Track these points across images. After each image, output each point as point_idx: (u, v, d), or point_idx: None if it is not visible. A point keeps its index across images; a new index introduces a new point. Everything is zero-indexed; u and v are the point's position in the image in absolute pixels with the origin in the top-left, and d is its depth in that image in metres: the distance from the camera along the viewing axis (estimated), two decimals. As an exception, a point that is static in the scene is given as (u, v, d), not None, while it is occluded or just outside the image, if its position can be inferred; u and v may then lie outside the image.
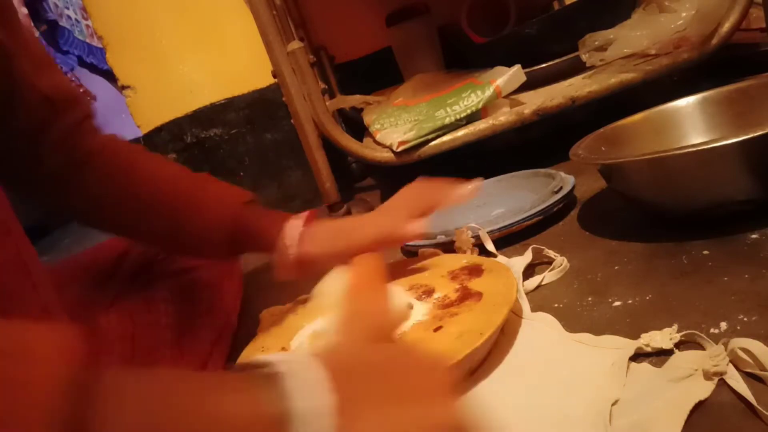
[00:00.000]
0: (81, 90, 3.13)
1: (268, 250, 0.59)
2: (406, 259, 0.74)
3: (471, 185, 0.61)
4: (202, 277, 0.68)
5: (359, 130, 1.16)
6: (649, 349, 0.41)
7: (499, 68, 0.93)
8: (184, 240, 0.60)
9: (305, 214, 0.60)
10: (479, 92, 0.90)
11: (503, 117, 0.89)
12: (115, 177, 0.58)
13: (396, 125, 0.99)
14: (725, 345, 0.37)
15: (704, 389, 0.35)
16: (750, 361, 0.36)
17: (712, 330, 0.41)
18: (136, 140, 1.34)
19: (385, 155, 0.93)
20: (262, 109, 1.30)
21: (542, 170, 0.80)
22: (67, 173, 0.57)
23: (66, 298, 0.56)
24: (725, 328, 0.41)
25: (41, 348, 0.20)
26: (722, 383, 0.36)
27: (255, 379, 0.24)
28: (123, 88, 1.30)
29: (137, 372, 0.23)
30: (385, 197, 1.17)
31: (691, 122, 0.67)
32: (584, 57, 0.96)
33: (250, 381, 0.24)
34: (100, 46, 1.33)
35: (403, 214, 0.59)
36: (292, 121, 1.00)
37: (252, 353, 0.56)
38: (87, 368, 0.21)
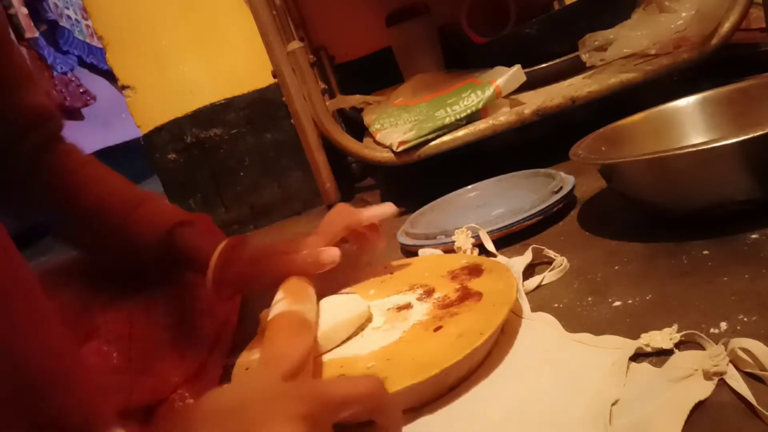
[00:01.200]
0: (80, 88, 3.13)
1: (202, 272, 0.59)
2: (406, 259, 0.74)
3: (384, 204, 0.64)
4: (202, 277, 0.68)
5: (359, 130, 1.16)
6: (649, 349, 0.41)
7: (499, 68, 0.93)
8: (120, 252, 0.61)
9: (230, 239, 0.60)
10: (479, 92, 0.90)
11: (503, 117, 0.89)
12: (62, 188, 0.59)
13: (396, 125, 0.99)
14: (725, 345, 0.37)
15: (704, 389, 0.35)
16: (750, 361, 0.36)
17: (712, 330, 0.41)
18: (136, 140, 1.35)
19: (385, 155, 0.93)
20: (262, 109, 1.30)
21: (542, 170, 0.80)
22: (30, 186, 0.59)
23: (64, 298, 0.56)
24: (725, 328, 0.41)
25: None
26: (722, 383, 0.36)
27: None
28: (123, 88, 1.30)
29: None
30: (385, 197, 1.17)
31: (691, 122, 0.67)
32: (584, 57, 0.96)
33: None
34: (100, 46, 1.33)
35: (323, 238, 0.59)
36: (292, 121, 1.00)
37: (252, 353, 0.56)
38: None
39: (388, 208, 0.63)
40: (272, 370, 0.40)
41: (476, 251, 0.67)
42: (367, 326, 0.54)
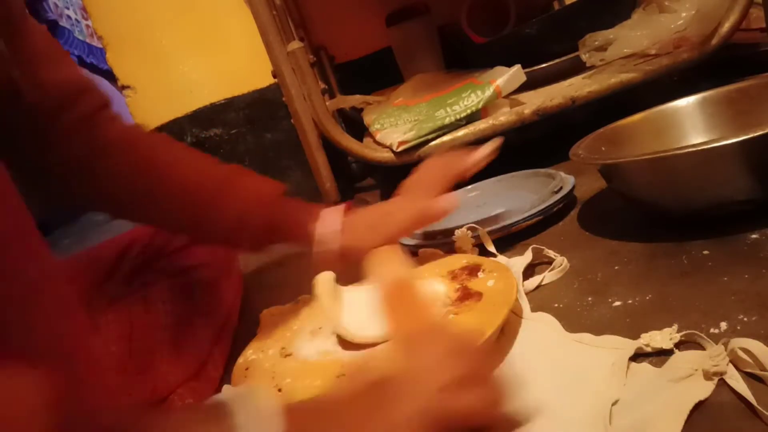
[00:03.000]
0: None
1: (303, 242, 0.59)
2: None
3: (486, 148, 0.62)
4: (201, 277, 0.68)
5: (359, 130, 1.16)
6: (649, 349, 0.41)
7: (499, 68, 0.93)
8: (213, 229, 0.60)
9: (342, 206, 0.61)
10: (479, 92, 0.90)
11: (503, 117, 0.89)
12: (136, 169, 0.58)
13: (396, 125, 0.99)
14: (725, 345, 0.37)
15: (704, 389, 0.35)
16: (750, 361, 0.36)
17: (712, 330, 0.41)
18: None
19: (385, 155, 0.92)
20: (262, 109, 1.30)
21: (542, 170, 0.80)
22: (84, 164, 0.57)
23: (65, 297, 0.56)
24: (725, 328, 0.41)
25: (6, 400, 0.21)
26: (722, 383, 0.36)
27: (209, 414, 0.27)
28: (123, 88, 1.30)
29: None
30: (385, 197, 1.17)
31: (691, 122, 0.67)
32: (584, 57, 0.96)
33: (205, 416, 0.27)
34: (100, 46, 1.33)
35: (429, 192, 0.60)
36: (292, 121, 1.00)
37: (252, 353, 0.56)
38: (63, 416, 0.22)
39: (489, 147, 0.62)
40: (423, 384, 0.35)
41: (476, 251, 0.67)
42: None
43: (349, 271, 0.59)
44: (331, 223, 0.59)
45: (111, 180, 0.58)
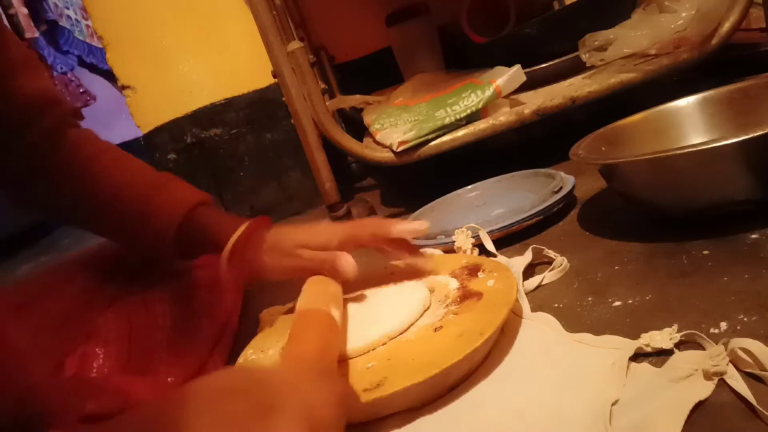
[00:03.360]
0: (80, 88, 3.13)
1: (218, 252, 0.59)
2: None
3: (418, 223, 0.60)
4: (201, 278, 0.68)
5: (359, 130, 1.16)
6: (649, 349, 0.41)
7: (499, 68, 0.93)
8: (139, 238, 0.61)
9: (257, 219, 0.60)
10: (479, 92, 0.90)
11: (503, 117, 0.89)
12: (80, 176, 0.59)
13: (396, 125, 0.99)
14: (725, 345, 0.37)
15: (704, 389, 0.35)
16: (750, 361, 0.36)
17: (712, 330, 0.41)
18: (136, 140, 1.35)
19: (385, 155, 0.92)
20: (262, 109, 1.30)
21: (542, 170, 0.80)
22: (44, 174, 0.59)
23: (63, 298, 0.56)
24: (725, 328, 0.41)
25: None
26: (722, 383, 0.36)
27: None
28: (123, 88, 1.30)
29: None
30: (385, 197, 1.17)
31: (691, 122, 0.67)
32: (584, 57, 0.96)
33: None
34: (100, 46, 1.33)
35: (343, 242, 0.58)
36: (292, 121, 1.00)
37: (252, 353, 0.56)
38: None
39: (419, 226, 0.59)
40: (294, 365, 0.39)
41: (476, 251, 0.67)
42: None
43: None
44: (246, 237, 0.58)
45: (58, 189, 0.59)
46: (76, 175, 0.59)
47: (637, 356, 0.41)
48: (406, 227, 0.58)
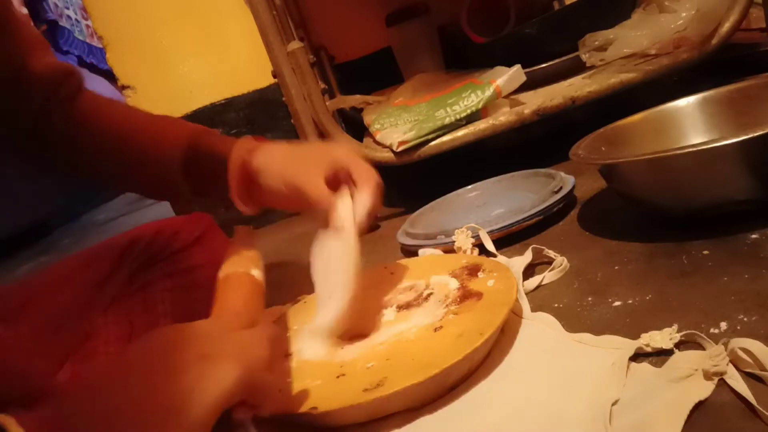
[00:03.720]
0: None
1: (222, 171, 0.59)
2: (406, 259, 0.74)
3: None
4: (201, 278, 0.68)
5: (359, 130, 1.16)
6: (649, 349, 0.41)
7: (499, 68, 0.93)
8: (153, 174, 0.64)
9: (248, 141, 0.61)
10: (479, 92, 0.90)
11: (503, 117, 0.89)
12: (89, 128, 0.63)
13: (396, 125, 0.99)
14: (725, 345, 0.37)
15: (704, 389, 0.35)
16: (750, 361, 0.36)
17: (712, 330, 0.41)
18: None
19: (385, 155, 0.92)
20: (262, 109, 1.30)
21: (542, 170, 0.80)
22: (66, 138, 0.62)
23: (64, 298, 0.56)
24: (725, 328, 0.41)
25: None
26: (722, 383, 0.36)
27: None
28: (123, 88, 1.30)
29: None
30: (385, 197, 1.17)
31: (691, 122, 0.67)
32: (584, 57, 0.96)
33: None
34: (100, 46, 1.33)
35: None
36: (292, 121, 1.00)
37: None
38: None
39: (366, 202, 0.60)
40: (225, 322, 0.42)
41: (476, 251, 0.67)
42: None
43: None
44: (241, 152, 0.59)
45: (76, 145, 0.63)
46: (91, 129, 0.63)
47: (637, 356, 0.41)
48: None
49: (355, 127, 1.25)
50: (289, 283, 0.75)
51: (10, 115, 0.60)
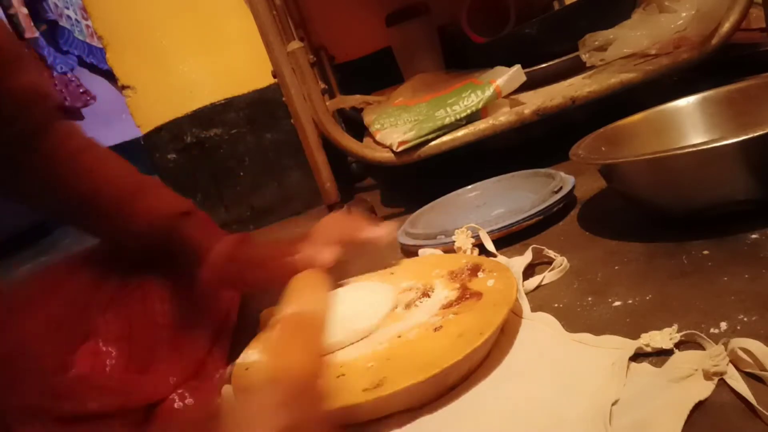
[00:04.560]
0: (80, 88, 3.14)
1: (197, 265, 0.60)
2: (406, 259, 0.74)
3: (384, 226, 0.62)
4: (200, 276, 0.68)
5: (359, 130, 1.16)
6: (649, 349, 0.41)
7: (499, 68, 0.93)
8: (123, 241, 0.62)
9: (235, 237, 0.61)
10: (479, 92, 0.90)
11: (503, 117, 0.89)
12: (64, 171, 0.59)
13: (396, 125, 0.99)
14: (725, 345, 0.37)
15: (704, 389, 0.35)
16: (750, 361, 0.36)
17: (712, 330, 0.41)
18: (136, 140, 1.35)
19: (385, 155, 0.92)
20: (262, 109, 1.30)
21: (542, 170, 0.80)
22: (30, 168, 0.58)
23: (63, 298, 0.56)
24: (725, 328, 0.41)
25: None
26: (722, 383, 0.36)
27: None
28: (123, 88, 1.30)
29: None
30: (385, 197, 1.17)
31: (691, 122, 0.67)
32: (584, 57, 0.96)
33: None
34: (100, 46, 1.33)
35: (319, 242, 0.59)
36: (292, 121, 1.00)
37: (252, 353, 0.56)
38: None
39: (384, 233, 0.61)
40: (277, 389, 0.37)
41: (476, 251, 0.67)
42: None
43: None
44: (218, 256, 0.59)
45: (43, 182, 0.59)
46: (59, 172, 0.59)
47: (637, 356, 0.41)
48: (373, 234, 0.60)
49: (355, 127, 1.25)
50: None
51: None
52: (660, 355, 0.40)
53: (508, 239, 0.69)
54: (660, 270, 0.51)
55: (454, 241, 0.68)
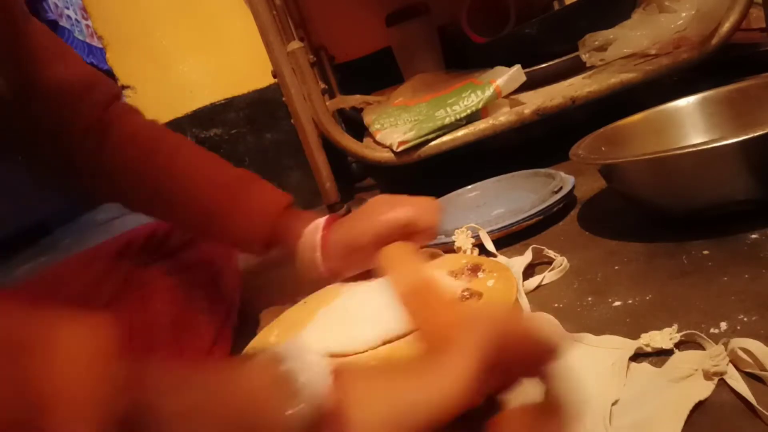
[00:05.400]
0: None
1: (292, 255, 0.59)
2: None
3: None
4: (200, 276, 0.68)
5: (359, 130, 1.16)
6: (649, 349, 0.41)
7: (499, 68, 0.93)
8: (219, 235, 0.62)
9: (323, 220, 0.59)
10: (479, 92, 0.90)
11: (503, 117, 0.89)
12: (148, 165, 0.59)
13: (396, 125, 0.99)
14: (725, 345, 0.37)
15: (704, 389, 0.35)
16: (750, 361, 0.36)
17: (712, 330, 0.41)
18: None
19: (385, 155, 0.92)
20: (262, 109, 1.30)
21: (542, 170, 0.80)
22: (97, 158, 0.59)
23: (63, 298, 0.56)
24: (725, 328, 0.41)
25: (71, 343, 0.22)
26: (722, 383, 0.36)
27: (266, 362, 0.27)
28: (123, 88, 1.30)
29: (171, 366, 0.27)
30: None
31: (691, 122, 0.67)
32: (584, 57, 0.96)
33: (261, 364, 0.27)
34: (100, 46, 1.34)
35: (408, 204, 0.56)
36: (292, 121, 1.00)
37: (252, 353, 0.56)
38: (121, 360, 0.24)
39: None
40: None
41: (476, 251, 0.67)
42: None
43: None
44: (310, 246, 0.57)
45: (123, 174, 0.59)
46: (141, 159, 0.59)
47: (637, 356, 0.41)
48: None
49: (355, 127, 1.25)
50: (289, 283, 0.75)
51: (23, 124, 0.56)
52: (660, 355, 0.40)
53: (508, 239, 0.69)
54: (660, 270, 0.51)
55: (454, 241, 0.68)
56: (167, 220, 0.65)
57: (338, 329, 0.52)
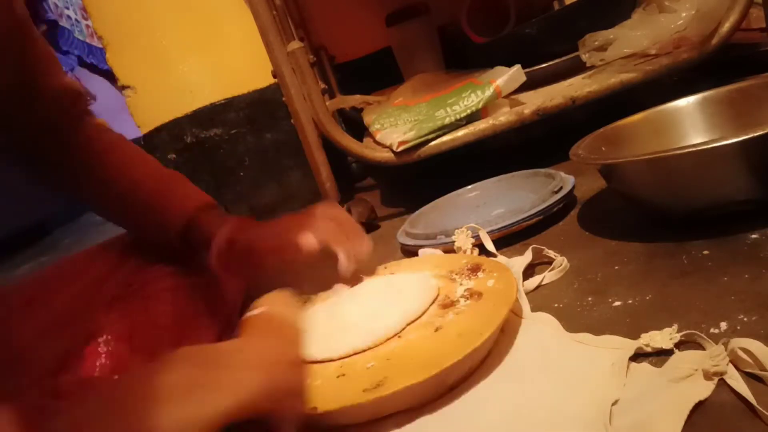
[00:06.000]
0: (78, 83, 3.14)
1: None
2: (406, 258, 0.74)
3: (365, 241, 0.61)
4: (202, 277, 0.68)
5: (359, 130, 1.16)
6: (649, 349, 0.41)
7: (499, 68, 0.93)
8: (149, 231, 0.66)
9: (236, 220, 0.63)
10: (479, 92, 0.90)
11: (503, 117, 0.89)
12: (100, 166, 0.63)
13: (396, 125, 0.99)
14: (725, 345, 0.37)
15: (704, 389, 0.35)
16: (750, 361, 0.36)
17: (712, 330, 0.41)
18: (137, 140, 1.35)
19: (385, 155, 0.93)
20: (262, 109, 1.30)
21: (542, 170, 0.80)
22: (72, 162, 0.63)
23: (64, 298, 0.56)
24: (725, 328, 0.41)
25: None
26: (722, 383, 0.36)
27: None
28: (123, 88, 1.30)
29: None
30: (385, 197, 1.17)
31: (691, 122, 0.67)
32: (584, 57, 0.96)
33: None
34: (100, 46, 1.33)
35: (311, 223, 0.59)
36: (292, 121, 1.00)
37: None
38: None
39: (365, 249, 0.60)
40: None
41: (476, 251, 0.67)
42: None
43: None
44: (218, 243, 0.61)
45: (85, 178, 0.64)
46: (97, 164, 0.63)
47: (637, 356, 0.41)
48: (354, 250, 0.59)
49: (355, 127, 1.25)
50: (288, 284, 0.75)
51: (18, 124, 0.59)
52: (660, 355, 0.40)
53: (508, 239, 0.69)
54: (660, 270, 0.51)
55: (454, 241, 0.68)
56: (113, 221, 0.68)
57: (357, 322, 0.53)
